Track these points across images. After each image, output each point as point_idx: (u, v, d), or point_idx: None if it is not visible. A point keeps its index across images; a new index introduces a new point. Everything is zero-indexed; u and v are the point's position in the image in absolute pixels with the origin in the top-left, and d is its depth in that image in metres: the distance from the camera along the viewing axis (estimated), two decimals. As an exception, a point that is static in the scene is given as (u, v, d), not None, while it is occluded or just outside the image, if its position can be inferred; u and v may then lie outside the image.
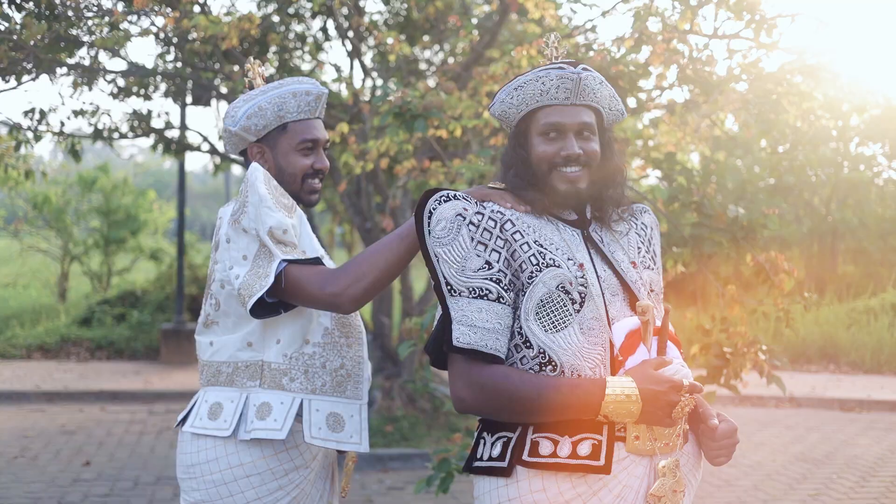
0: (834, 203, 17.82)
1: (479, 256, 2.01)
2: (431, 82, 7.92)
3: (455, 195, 2.07)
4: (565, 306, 2.00)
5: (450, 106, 4.06)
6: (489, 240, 2.03)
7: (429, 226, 2.05)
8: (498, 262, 2.02)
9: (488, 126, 4.59)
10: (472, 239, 2.02)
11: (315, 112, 2.36)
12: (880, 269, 16.94)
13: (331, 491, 2.43)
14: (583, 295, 2.02)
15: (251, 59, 2.48)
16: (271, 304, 2.17)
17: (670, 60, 4.22)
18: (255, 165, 2.20)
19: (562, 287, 2.01)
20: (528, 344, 2.01)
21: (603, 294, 2.06)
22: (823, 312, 12.24)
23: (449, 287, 2.01)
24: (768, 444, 7.67)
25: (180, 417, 2.38)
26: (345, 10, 7.47)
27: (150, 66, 7.89)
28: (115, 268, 14.83)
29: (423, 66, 8.83)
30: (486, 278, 2.00)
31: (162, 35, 6.88)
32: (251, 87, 2.37)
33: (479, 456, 2.07)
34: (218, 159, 9.50)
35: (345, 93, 7.06)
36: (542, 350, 1.99)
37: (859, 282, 16.31)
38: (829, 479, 6.58)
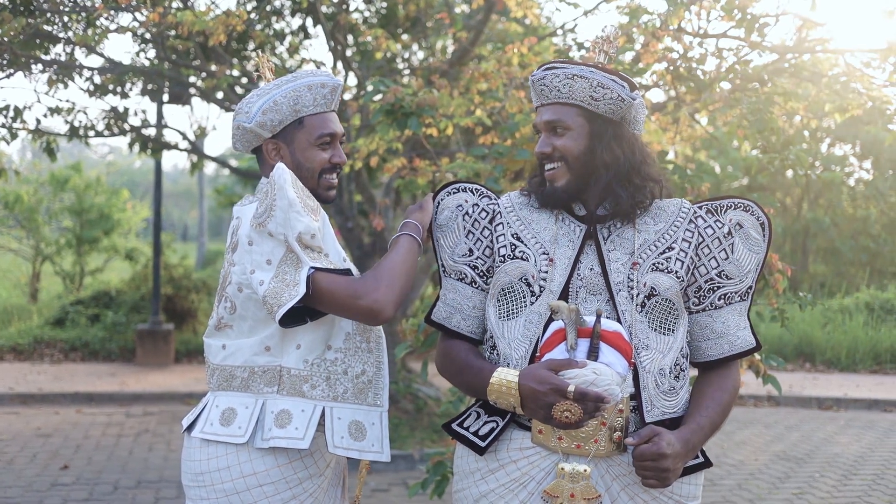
0: (806, 203, 17.98)
1: (465, 244, 2.25)
2: (410, 80, 7.88)
3: (465, 188, 2.30)
4: (523, 297, 2.13)
5: (442, 104, 4.01)
6: (477, 230, 2.25)
7: (436, 214, 2.31)
8: (479, 250, 2.24)
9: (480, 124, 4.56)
10: (464, 228, 2.26)
11: (331, 105, 2.28)
12: (851, 269, 17.12)
13: (342, 497, 2.37)
14: (542, 289, 2.11)
15: (259, 52, 2.41)
16: (297, 312, 2.10)
17: (663, 58, 4.20)
18: (281, 167, 2.10)
19: (524, 279, 2.14)
20: (486, 327, 2.23)
21: (571, 292, 2.09)
22: (798, 311, 12.32)
23: (443, 268, 2.29)
24: (749, 442, 7.69)
25: (187, 422, 2.28)
26: (325, 8, 7.39)
27: (127, 63, 7.77)
28: (87, 268, 14.64)
29: (400, 64, 8.77)
30: (466, 263, 2.24)
31: (141, 31, 6.78)
32: (257, 81, 2.29)
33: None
34: (195, 158, 9.39)
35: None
36: (491, 335, 2.18)
37: (831, 281, 16.48)
38: (811, 478, 6.61)
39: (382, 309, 2.07)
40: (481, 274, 2.23)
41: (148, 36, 7.21)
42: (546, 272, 2.11)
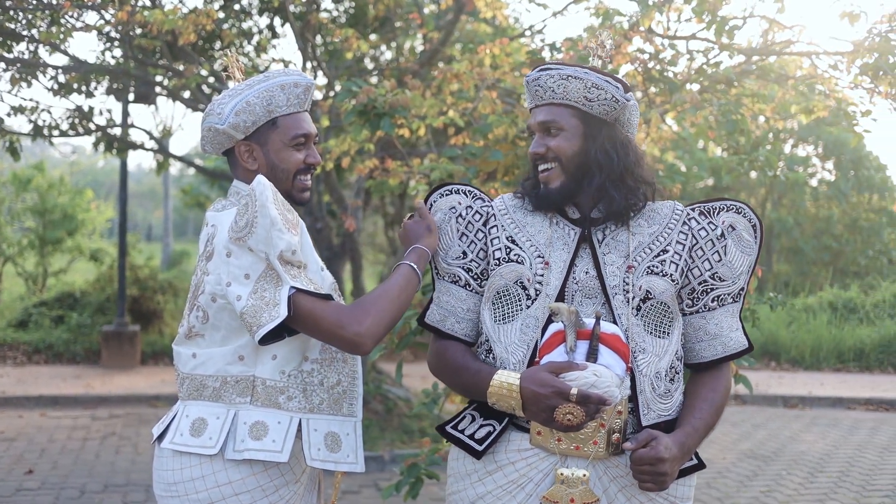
0: (770, 203, 18.18)
1: (459, 246, 2.24)
2: (378, 81, 7.85)
3: (458, 189, 2.29)
4: (519, 301, 2.12)
5: (415, 105, 4.00)
6: (471, 232, 2.24)
7: None
8: (473, 252, 2.23)
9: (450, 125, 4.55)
10: (458, 230, 2.25)
11: (304, 105, 2.24)
12: (814, 268, 17.34)
13: (317, 503, 2.34)
14: (538, 292, 2.10)
15: (229, 51, 2.37)
16: (276, 328, 2.04)
17: (635, 59, 4.22)
18: (261, 182, 2.04)
19: (519, 282, 2.13)
20: (481, 330, 2.21)
21: (567, 296, 2.09)
22: (763, 310, 12.46)
23: (436, 270, 2.28)
24: (717, 441, 7.76)
25: (157, 432, 2.23)
26: (294, 8, 7.35)
27: (92, 61, 7.67)
28: (51, 269, 14.44)
29: (369, 64, 8.74)
30: (460, 266, 2.23)
31: (107, 30, 6.70)
32: (227, 81, 2.24)
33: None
34: (161, 157, 9.30)
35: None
36: (486, 338, 2.17)
37: (795, 280, 16.68)
38: (778, 476, 6.68)
39: (364, 343, 2.04)
40: (475, 277, 2.22)
41: (114, 34, 7.13)
42: (542, 275, 2.10)
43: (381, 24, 8.54)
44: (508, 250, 2.16)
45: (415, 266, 2.18)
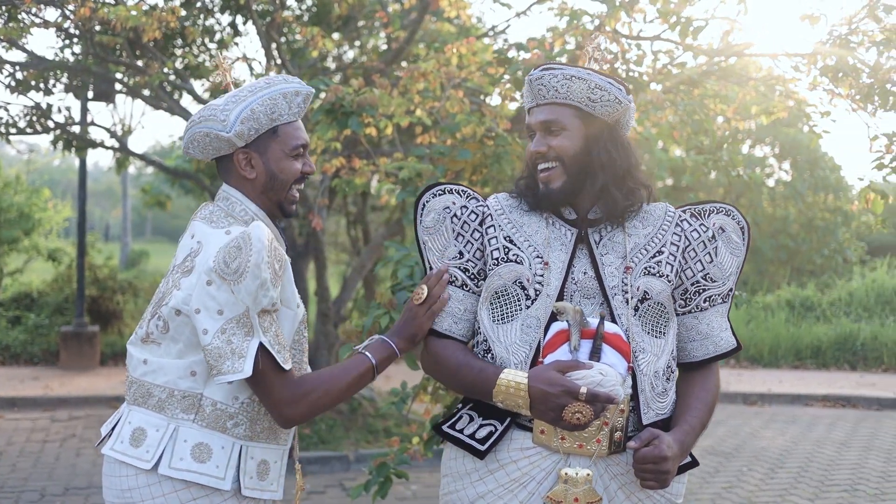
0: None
1: (455, 246, 2.22)
2: (340, 80, 7.82)
3: (450, 189, 2.26)
4: (518, 301, 2.11)
5: (383, 103, 3.99)
6: (467, 232, 2.21)
7: (421, 216, 2.26)
8: (470, 252, 2.21)
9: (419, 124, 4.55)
10: (453, 230, 2.22)
11: (302, 113, 2.22)
12: (771, 267, 17.58)
13: None
14: (538, 292, 2.10)
15: (220, 54, 2.33)
16: None
17: (602, 59, 4.24)
18: (260, 236, 1.98)
19: (518, 282, 2.12)
20: (478, 329, 2.19)
21: (566, 296, 2.09)
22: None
23: (431, 271, 2.23)
24: (679, 438, 7.84)
25: (105, 433, 2.19)
26: (257, 6, 7.30)
27: (51, 58, 7.55)
28: (7, 269, 14.18)
29: (330, 63, 8.70)
30: (457, 266, 2.21)
31: (66, 26, 6.59)
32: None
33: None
34: (121, 155, 9.18)
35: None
36: (485, 338, 2.16)
37: (753, 279, 16.90)
38: (740, 472, 6.77)
39: (290, 424, 2.08)
40: (472, 277, 2.20)
41: (73, 31, 7.02)
42: (542, 276, 2.10)
43: (344, 24, 8.51)
44: (507, 250, 2.15)
45: (376, 366, 2.16)
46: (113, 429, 2.16)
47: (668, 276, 2.15)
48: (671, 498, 2.16)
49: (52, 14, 6.72)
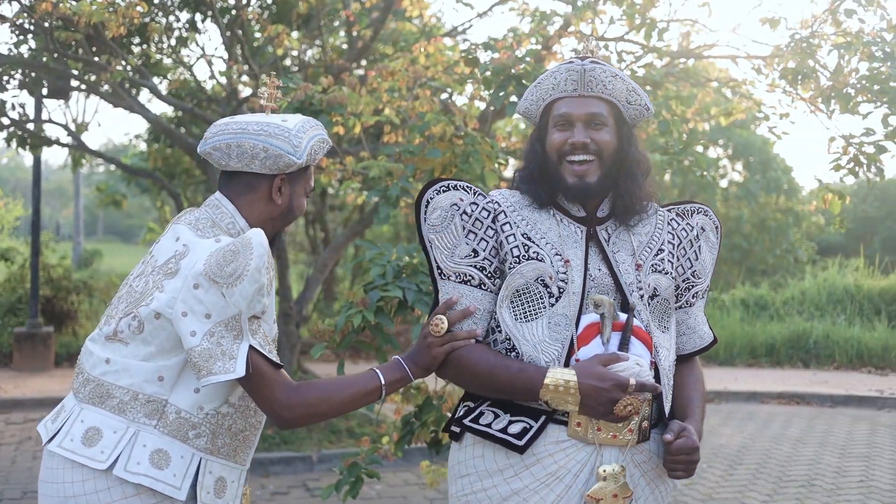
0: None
1: (467, 244, 2.15)
2: (301, 78, 7.77)
3: (455, 185, 2.19)
4: (541, 299, 2.09)
5: (352, 102, 3.98)
6: (479, 229, 2.15)
7: (425, 213, 2.19)
8: (485, 250, 2.14)
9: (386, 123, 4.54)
10: (464, 228, 2.15)
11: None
12: (725, 267, 17.83)
13: None
14: (561, 290, 2.09)
15: (267, 75, 2.29)
16: None
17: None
18: (261, 241, 1.99)
19: (541, 280, 2.10)
20: (499, 328, 2.13)
21: (585, 292, 2.11)
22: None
23: (439, 270, 2.17)
24: (639, 436, 7.92)
25: (47, 434, 2.13)
26: (219, 3, 7.24)
27: (5, 53, 7.41)
28: (-44, 269, 13.90)
29: (289, 61, 8.65)
30: (472, 265, 2.14)
31: (20, 21, 6.48)
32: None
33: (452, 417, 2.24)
34: (76, 153, 9.05)
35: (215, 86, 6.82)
36: (507, 337, 2.11)
37: (708, 278, 17.13)
38: (699, 469, 6.85)
39: (286, 425, 2.06)
40: (489, 275, 2.14)
41: (27, 26, 6.90)
42: (565, 273, 2.09)
43: (304, 22, 8.47)
44: (526, 248, 2.12)
45: (384, 385, 2.13)
46: (60, 428, 2.09)
47: (671, 273, 2.22)
48: (675, 484, 2.23)
49: (7, 9, 6.58)
